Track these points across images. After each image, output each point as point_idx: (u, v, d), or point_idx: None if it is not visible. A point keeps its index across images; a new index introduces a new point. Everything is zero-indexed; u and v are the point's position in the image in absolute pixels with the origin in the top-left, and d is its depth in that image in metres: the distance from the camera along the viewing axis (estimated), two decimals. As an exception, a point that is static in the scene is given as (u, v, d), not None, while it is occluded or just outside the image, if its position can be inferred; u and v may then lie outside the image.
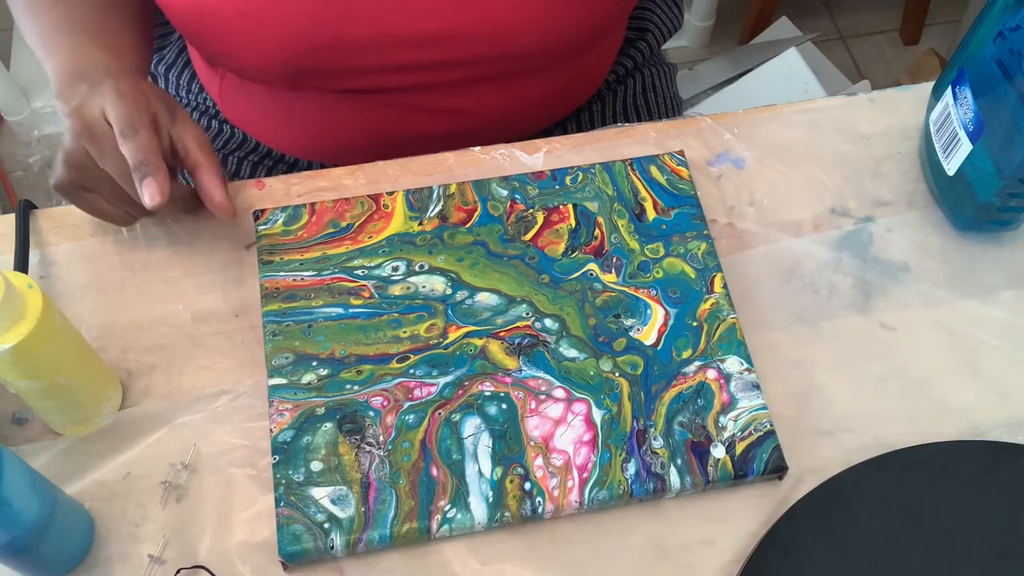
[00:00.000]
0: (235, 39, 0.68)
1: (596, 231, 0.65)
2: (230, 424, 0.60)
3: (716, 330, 0.62)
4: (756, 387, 0.60)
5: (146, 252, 0.67)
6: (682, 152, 0.69)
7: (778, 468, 0.58)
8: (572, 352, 0.61)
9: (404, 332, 0.61)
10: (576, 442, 0.58)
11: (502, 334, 0.61)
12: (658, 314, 0.62)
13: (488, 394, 0.59)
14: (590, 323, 0.62)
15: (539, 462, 0.57)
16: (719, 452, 0.58)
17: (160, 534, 0.57)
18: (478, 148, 0.71)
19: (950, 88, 0.65)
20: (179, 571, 0.56)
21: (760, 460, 0.58)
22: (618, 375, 0.60)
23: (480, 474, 0.57)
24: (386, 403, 0.59)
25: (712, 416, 0.59)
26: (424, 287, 0.63)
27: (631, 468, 0.57)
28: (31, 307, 0.52)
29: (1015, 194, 0.63)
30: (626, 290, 0.63)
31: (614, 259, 0.64)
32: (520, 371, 0.60)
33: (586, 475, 0.57)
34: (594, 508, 0.57)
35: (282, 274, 0.63)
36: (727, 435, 0.58)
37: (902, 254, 0.68)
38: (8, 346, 0.51)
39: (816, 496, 0.57)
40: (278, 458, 0.57)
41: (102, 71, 0.63)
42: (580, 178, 0.68)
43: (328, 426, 0.58)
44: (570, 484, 0.57)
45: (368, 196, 0.67)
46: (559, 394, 0.59)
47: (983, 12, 0.62)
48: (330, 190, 0.69)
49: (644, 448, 0.58)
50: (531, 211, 0.66)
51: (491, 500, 0.56)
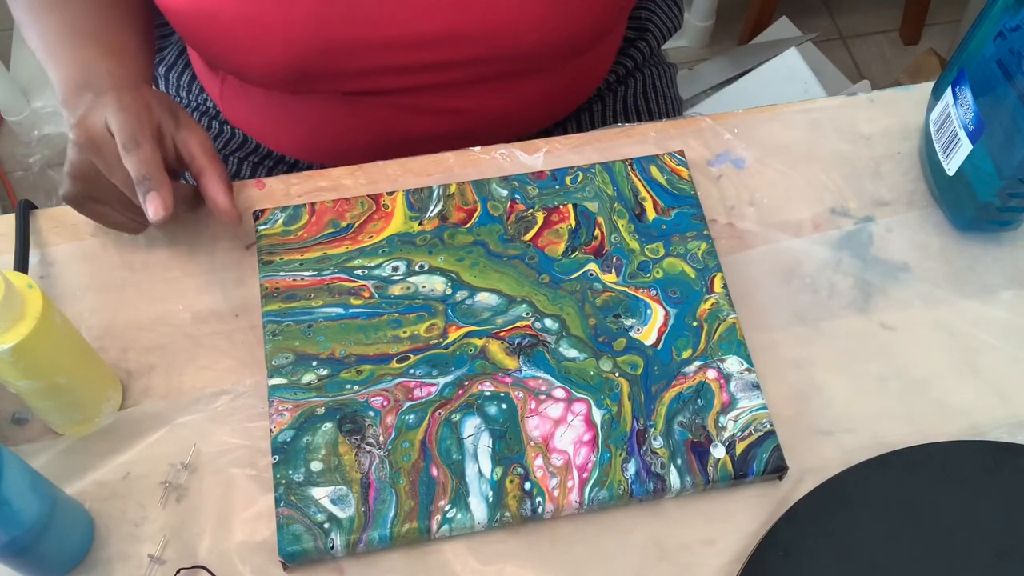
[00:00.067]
0: (237, 43, 0.68)
1: (596, 231, 0.65)
2: (230, 424, 0.61)
3: (716, 330, 0.62)
4: (756, 387, 0.60)
5: (146, 252, 0.67)
6: (682, 152, 0.69)
7: (778, 468, 0.58)
8: (572, 352, 0.61)
9: (404, 332, 0.61)
10: (576, 442, 0.58)
11: (502, 334, 0.61)
12: (658, 314, 0.62)
13: (488, 394, 0.59)
14: (590, 323, 0.62)
15: (539, 462, 0.57)
16: (719, 452, 0.58)
17: (160, 534, 0.57)
18: (478, 148, 0.71)
19: (950, 88, 0.65)
20: (179, 571, 0.56)
21: (760, 460, 0.58)
22: (618, 375, 0.60)
23: (480, 474, 0.57)
24: (386, 403, 0.59)
25: (712, 416, 0.59)
26: (424, 287, 0.63)
27: (631, 468, 0.57)
28: (31, 307, 0.52)
29: (1015, 194, 0.63)
30: (626, 290, 0.63)
31: (614, 259, 0.64)
32: (520, 371, 0.60)
33: (586, 475, 0.57)
34: (594, 508, 0.57)
35: (282, 274, 0.63)
36: (727, 435, 0.58)
37: (902, 254, 0.68)
38: (8, 346, 0.51)
39: (816, 496, 0.57)
40: (278, 458, 0.57)
41: (106, 79, 0.63)
42: (580, 178, 0.68)
43: (328, 426, 0.58)
44: (570, 484, 0.57)
45: (368, 196, 0.67)
46: (559, 394, 0.59)
47: (983, 12, 0.62)
48: (330, 190, 0.69)
49: (644, 448, 0.58)
50: (531, 211, 0.66)
51: (491, 500, 0.56)
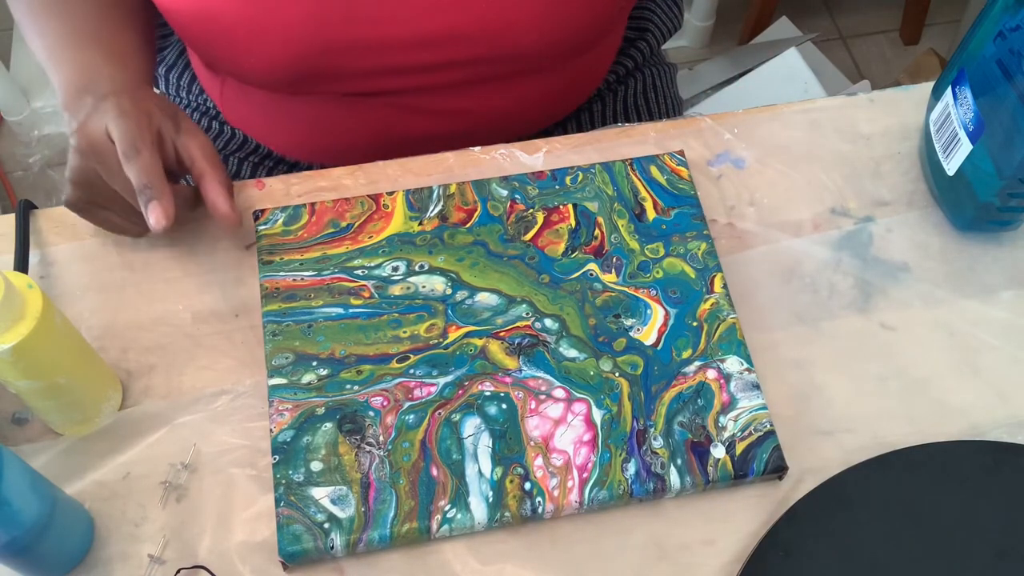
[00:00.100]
0: (238, 45, 0.68)
1: (596, 231, 0.65)
2: (230, 424, 0.60)
3: (716, 330, 0.62)
4: (756, 387, 0.60)
5: (146, 252, 0.67)
6: (682, 152, 0.69)
7: (778, 468, 0.58)
8: (572, 352, 0.61)
9: (404, 332, 0.61)
10: (576, 442, 0.58)
11: (502, 334, 0.61)
12: (658, 314, 0.62)
13: (488, 394, 0.59)
14: (590, 323, 0.62)
15: (539, 462, 0.57)
16: (719, 452, 0.58)
17: (160, 534, 0.57)
18: (478, 148, 0.71)
19: (950, 88, 0.65)
20: (179, 571, 0.56)
21: (760, 460, 0.58)
22: (618, 375, 0.60)
23: (480, 474, 0.57)
24: (386, 403, 0.59)
25: (712, 416, 0.59)
26: (424, 287, 0.63)
27: (631, 468, 0.57)
28: (31, 307, 0.52)
29: (1015, 194, 0.63)
30: (626, 290, 0.63)
31: (614, 259, 0.64)
32: (520, 371, 0.60)
33: (586, 475, 0.57)
34: (594, 508, 0.57)
35: (282, 274, 0.63)
36: (727, 435, 0.58)
37: (902, 254, 0.68)
38: (8, 346, 0.51)
39: (816, 496, 0.57)
40: (278, 458, 0.57)
41: (107, 82, 0.63)
42: (580, 178, 0.68)
43: (328, 426, 0.58)
44: (570, 484, 0.57)
45: (368, 196, 0.67)
46: (559, 394, 0.59)
47: (983, 12, 0.62)
48: (330, 190, 0.69)
49: (644, 448, 0.58)
50: (531, 211, 0.66)
51: (491, 500, 0.56)
